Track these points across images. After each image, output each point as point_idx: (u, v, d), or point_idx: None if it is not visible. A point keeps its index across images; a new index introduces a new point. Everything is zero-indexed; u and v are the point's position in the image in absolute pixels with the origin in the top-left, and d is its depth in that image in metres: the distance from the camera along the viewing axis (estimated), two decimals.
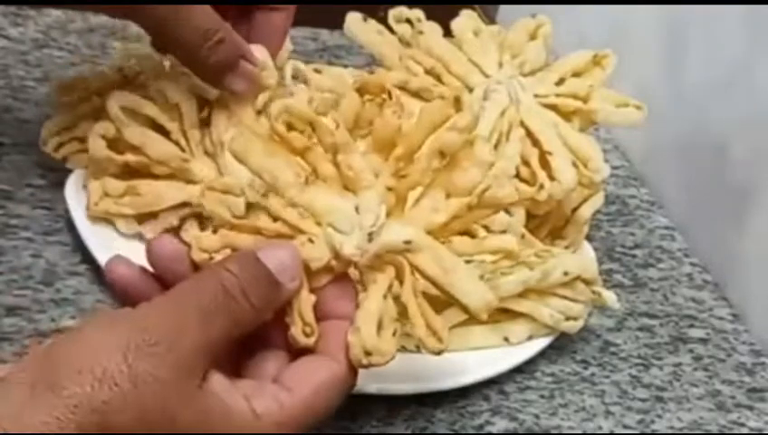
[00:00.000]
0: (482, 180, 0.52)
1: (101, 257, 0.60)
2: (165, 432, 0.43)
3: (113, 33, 0.85)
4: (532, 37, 0.70)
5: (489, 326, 0.63)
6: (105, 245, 0.63)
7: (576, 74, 0.69)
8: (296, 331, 0.48)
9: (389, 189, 0.51)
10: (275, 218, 0.50)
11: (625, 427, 0.62)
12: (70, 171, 0.67)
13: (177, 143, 0.64)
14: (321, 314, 0.49)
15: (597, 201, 0.70)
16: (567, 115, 0.68)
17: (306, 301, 0.49)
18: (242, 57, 0.62)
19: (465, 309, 0.51)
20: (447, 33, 0.70)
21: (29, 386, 0.42)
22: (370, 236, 0.50)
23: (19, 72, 0.79)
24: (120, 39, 0.84)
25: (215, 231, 0.50)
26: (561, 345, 0.66)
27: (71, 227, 0.65)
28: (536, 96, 0.68)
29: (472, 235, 0.63)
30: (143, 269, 0.50)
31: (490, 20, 0.94)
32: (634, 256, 0.77)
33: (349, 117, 0.57)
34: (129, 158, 0.63)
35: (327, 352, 0.48)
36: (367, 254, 0.50)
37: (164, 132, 0.64)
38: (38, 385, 0.41)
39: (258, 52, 0.63)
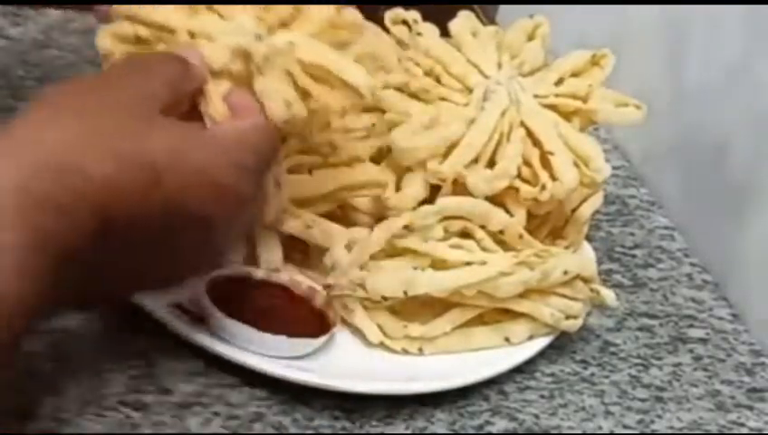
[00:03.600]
0: None
1: None
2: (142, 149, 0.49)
3: None
4: (530, 37, 0.70)
5: (490, 327, 0.63)
6: None
7: (575, 74, 0.69)
8: (213, 109, 0.54)
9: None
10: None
11: (625, 427, 0.62)
12: None
13: None
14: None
15: (596, 201, 0.70)
16: (567, 115, 0.68)
17: (215, 89, 0.55)
18: None
19: (356, 90, 0.55)
20: (444, 33, 0.70)
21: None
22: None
23: (19, 72, 0.79)
24: None
25: None
26: (561, 345, 0.66)
27: None
28: (536, 96, 0.68)
29: (470, 236, 0.63)
30: None
31: (490, 20, 0.94)
32: (634, 256, 0.77)
33: None
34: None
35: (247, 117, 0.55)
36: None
37: None
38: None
39: None
